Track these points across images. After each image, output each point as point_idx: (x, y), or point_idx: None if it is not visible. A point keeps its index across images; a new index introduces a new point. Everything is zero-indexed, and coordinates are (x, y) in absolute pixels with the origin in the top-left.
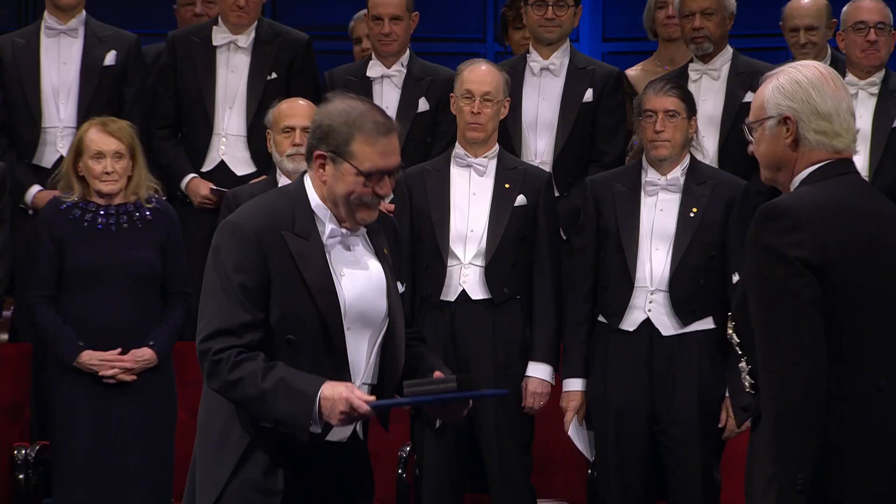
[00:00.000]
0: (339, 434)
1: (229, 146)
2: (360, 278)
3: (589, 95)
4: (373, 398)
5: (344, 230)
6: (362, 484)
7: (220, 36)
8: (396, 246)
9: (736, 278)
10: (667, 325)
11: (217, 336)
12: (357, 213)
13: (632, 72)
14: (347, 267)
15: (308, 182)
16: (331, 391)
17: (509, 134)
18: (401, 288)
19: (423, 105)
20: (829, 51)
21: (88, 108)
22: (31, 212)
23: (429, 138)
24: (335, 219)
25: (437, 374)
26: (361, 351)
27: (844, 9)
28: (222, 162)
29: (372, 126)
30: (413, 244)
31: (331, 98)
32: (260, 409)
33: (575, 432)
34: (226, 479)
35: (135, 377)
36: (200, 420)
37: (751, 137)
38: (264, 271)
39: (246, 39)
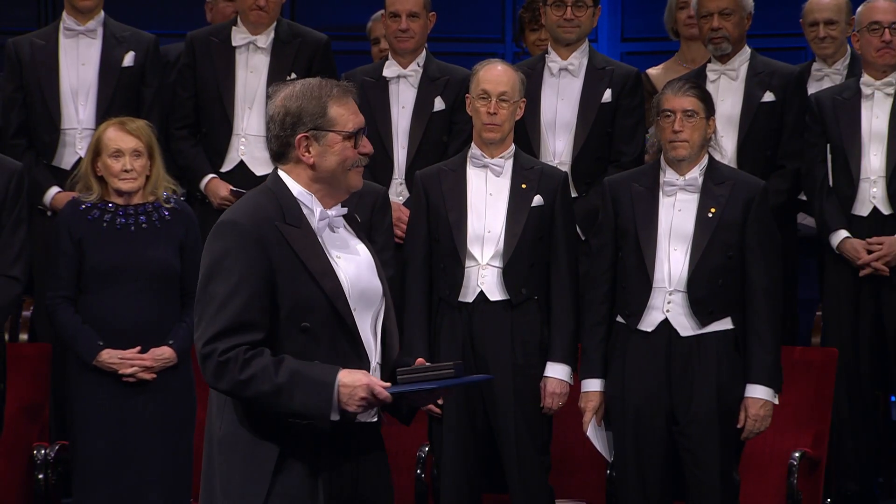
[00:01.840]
0: (368, 415)
1: (249, 146)
2: (353, 260)
3: (608, 96)
4: (389, 384)
5: (331, 212)
6: (384, 464)
7: (239, 36)
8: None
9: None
10: (685, 326)
11: (221, 336)
12: (350, 180)
13: (653, 71)
14: (339, 250)
15: (283, 174)
16: (350, 378)
17: (528, 134)
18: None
19: (438, 104)
20: (849, 49)
21: (107, 109)
22: (49, 213)
23: (444, 138)
24: (319, 203)
25: (420, 361)
26: (368, 331)
27: (859, 9)
28: (242, 162)
29: (338, 90)
30: (429, 245)
31: (275, 91)
32: (276, 404)
33: (593, 433)
34: (264, 494)
35: (154, 376)
36: (223, 432)
37: None
38: (268, 265)
39: (265, 40)
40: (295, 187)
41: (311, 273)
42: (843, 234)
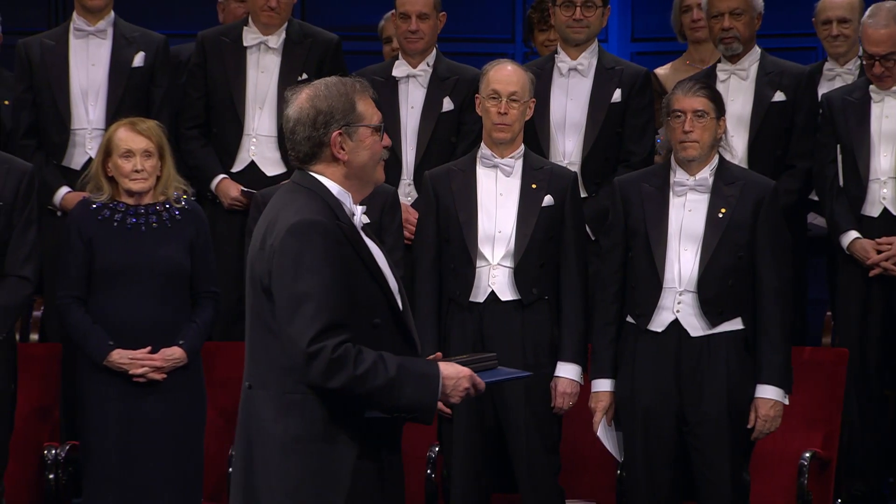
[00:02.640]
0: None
1: (259, 147)
2: (381, 256)
3: (617, 96)
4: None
5: (358, 210)
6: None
7: (250, 36)
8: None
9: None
10: (695, 326)
11: (326, 334)
12: (377, 175)
13: (661, 71)
14: (371, 248)
15: (317, 175)
16: (452, 370)
17: (537, 135)
18: None
19: (447, 104)
20: (861, 48)
21: (117, 110)
22: (59, 213)
23: (453, 138)
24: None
25: (438, 354)
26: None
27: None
28: (252, 162)
29: (359, 86)
30: (439, 245)
31: (294, 95)
32: (387, 398)
33: (603, 433)
34: (344, 494)
35: (164, 376)
36: (289, 435)
37: None
38: (345, 263)
39: (276, 40)
40: (333, 187)
41: (371, 271)
42: (853, 234)
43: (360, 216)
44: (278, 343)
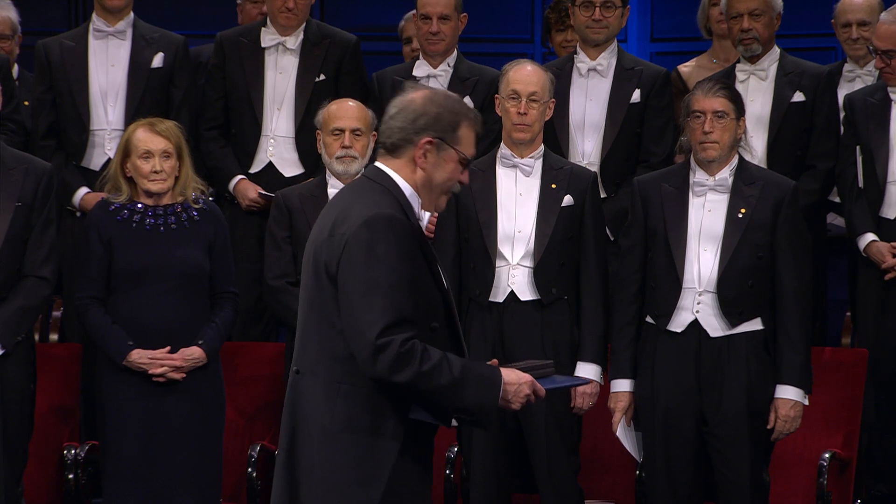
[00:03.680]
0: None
1: (277, 147)
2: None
3: (636, 96)
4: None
5: (426, 215)
6: None
7: (268, 37)
8: None
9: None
10: (715, 327)
11: (397, 327)
12: (440, 202)
13: (684, 68)
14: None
15: (391, 171)
16: (514, 376)
17: (557, 135)
18: None
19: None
20: None
21: (136, 110)
22: (78, 214)
23: None
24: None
25: (494, 361)
26: None
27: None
28: (270, 163)
29: (473, 116)
30: (458, 245)
31: (413, 88)
32: (449, 398)
33: (623, 433)
34: (384, 482)
35: (184, 376)
36: (335, 424)
37: None
38: (414, 262)
39: (294, 41)
40: (406, 188)
41: (434, 277)
42: (870, 237)
43: (425, 222)
44: (333, 332)
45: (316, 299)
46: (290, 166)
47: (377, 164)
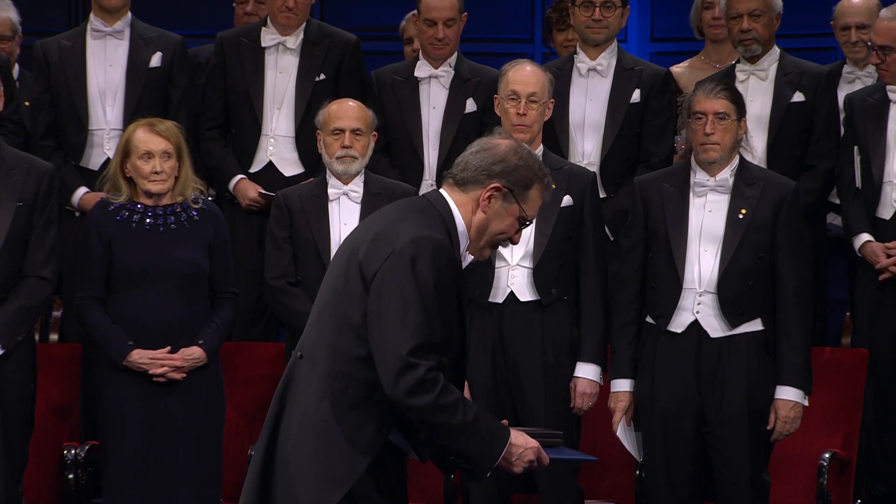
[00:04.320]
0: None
1: (277, 147)
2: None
3: (636, 96)
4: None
5: (468, 257)
6: None
7: (268, 37)
8: None
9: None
10: (715, 327)
11: (425, 352)
12: (485, 251)
13: (677, 69)
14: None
15: (453, 204)
16: (522, 440)
17: (556, 135)
18: None
19: (470, 106)
20: None
21: (135, 110)
22: (77, 214)
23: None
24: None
25: (504, 422)
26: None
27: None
28: (270, 163)
29: (547, 181)
30: None
31: (504, 135)
32: (456, 439)
33: (623, 433)
34: (356, 475)
35: (184, 376)
36: (315, 415)
37: None
38: (449, 294)
39: (294, 41)
40: (461, 224)
41: (461, 315)
42: (865, 237)
43: (465, 263)
44: (347, 329)
45: (341, 293)
46: (290, 166)
47: (442, 191)
